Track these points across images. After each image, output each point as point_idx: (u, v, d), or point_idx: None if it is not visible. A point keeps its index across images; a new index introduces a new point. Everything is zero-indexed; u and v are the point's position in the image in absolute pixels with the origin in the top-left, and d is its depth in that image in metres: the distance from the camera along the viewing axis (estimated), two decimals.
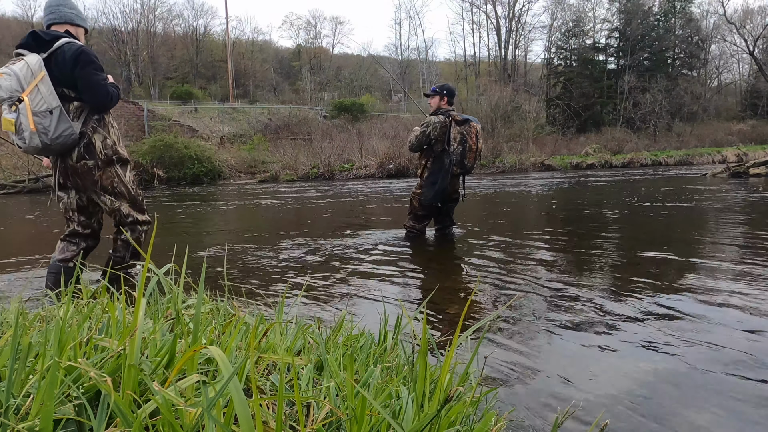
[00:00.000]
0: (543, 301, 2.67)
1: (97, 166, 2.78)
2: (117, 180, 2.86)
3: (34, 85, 2.49)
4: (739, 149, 26.29)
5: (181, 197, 13.08)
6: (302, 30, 56.66)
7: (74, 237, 2.94)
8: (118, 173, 2.87)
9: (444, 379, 0.90)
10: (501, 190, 11.76)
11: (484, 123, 25.76)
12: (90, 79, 2.63)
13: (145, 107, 27.84)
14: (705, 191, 9.68)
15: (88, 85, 2.64)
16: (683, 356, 1.88)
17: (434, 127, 4.49)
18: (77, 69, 2.59)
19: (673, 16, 39.43)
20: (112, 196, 2.87)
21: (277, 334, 1.19)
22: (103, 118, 2.81)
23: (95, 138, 2.76)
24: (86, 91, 2.66)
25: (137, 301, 0.90)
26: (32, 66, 2.50)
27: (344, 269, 3.59)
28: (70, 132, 2.61)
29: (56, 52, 2.59)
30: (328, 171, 21.43)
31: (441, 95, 4.65)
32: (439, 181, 4.55)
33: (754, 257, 3.58)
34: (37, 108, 2.49)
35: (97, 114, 2.77)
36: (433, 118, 4.54)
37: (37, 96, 2.50)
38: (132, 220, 2.93)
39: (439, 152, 4.55)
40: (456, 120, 4.52)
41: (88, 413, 0.71)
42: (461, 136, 4.49)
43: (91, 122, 2.74)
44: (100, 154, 2.78)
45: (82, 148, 2.73)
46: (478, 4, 42.43)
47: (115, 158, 2.86)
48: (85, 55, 2.61)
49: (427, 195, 4.61)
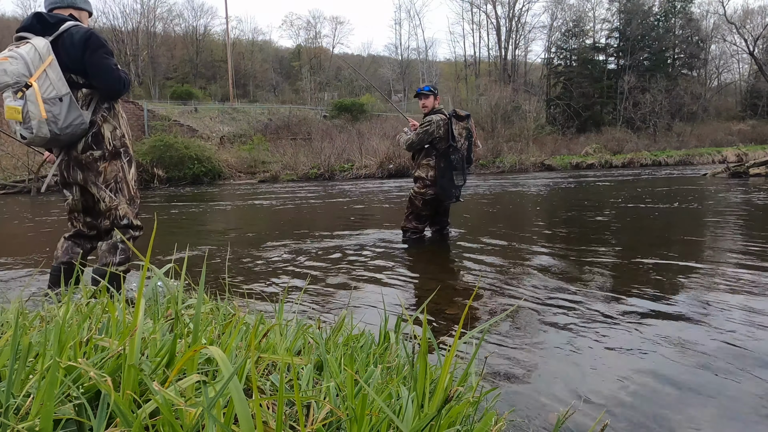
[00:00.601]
0: (543, 301, 2.67)
1: (103, 157, 2.59)
2: (121, 175, 2.66)
3: (42, 69, 2.31)
4: (739, 149, 26.28)
5: (181, 197, 13.08)
6: (302, 30, 56.68)
7: (79, 238, 2.78)
8: (123, 168, 2.68)
9: (444, 379, 0.90)
10: (501, 190, 11.76)
11: (484, 123, 25.80)
12: (101, 64, 2.45)
13: (145, 107, 27.84)
14: (705, 191, 9.68)
15: (98, 70, 2.46)
16: (683, 356, 1.88)
17: (437, 126, 4.50)
18: (87, 53, 2.42)
19: (673, 16, 39.43)
20: (112, 192, 2.66)
21: (277, 334, 1.19)
22: (113, 106, 2.63)
23: (105, 128, 2.58)
24: (97, 77, 2.48)
25: (137, 301, 0.90)
26: (40, 49, 2.32)
27: (344, 269, 3.59)
28: (80, 121, 2.43)
29: (63, 35, 2.42)
30: (328, 171, 21.44)
31: (435, 95, 4.68)
32: (441, 183, 4.56)
33: (754, 258, 3.58)
34: (46, 94, 2.31)
35: (107, 102, 2.60)
36: (434, 117, 4.55)
37: (46, 82, 2.32)
38: (127, 223, 2.70)
39: (444, 149, 4.56)
40: (459, 116, 4.54)
41: (88, 413, 0.71)
42: (466, 132, 4.52)
43: (101, 111, 2.57)
44: (108, 145, 2.59)
45: (90, 138, 2.54)
46: (478, 4, 42.46)
47: (123, 151, 2.66)
48: (95, 38, 2.44)
49: (445, 193, 4.60)
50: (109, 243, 2.68)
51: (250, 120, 30.95)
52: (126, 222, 2.69)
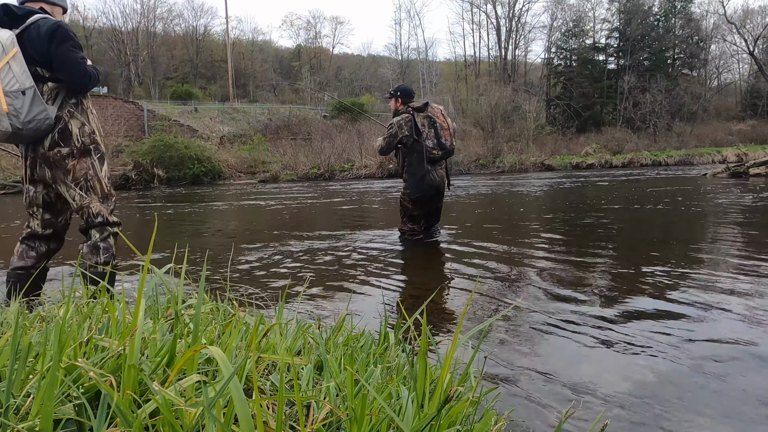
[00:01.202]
0: (543, 301, 2.67)
1: (71, 155, 2.48)
2: (91, 173, 2.54)
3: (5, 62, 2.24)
4: (739, 149, 26.29)
5: (180, 197, 13.08)
6: (302, 30, 56.73)
7: (33, 240, 2.61)
8: (94, 165, 2.56)
9: (444, 379, 0.90)
10: (501, 190, 11.76)
11: (484, 123, 25.80)
12: (67, 56, 2.37)
13: (145, 107, 27.84)
14: (705, 191, 9.68)
15: (64, 62, 2.38)
16: (683, 356, 1.89)
17: (399, 126, 4.50)
18: (53, 45, 2.34)
19: (673, 16, 39.44)
20: (83, 191, 2.53)
21: (277, 334, 1.19)
22: (82, 102, 2.53)
23: (72, 123, 2.48)
24: (62, 70, 2.40)
25: (137, 301, 0.90)
26: (3, 41, 2.26)
27: (344, 270, 3.59)
28: (44, 116, 2.34)
29: (30, 27, 2.35)
30: (328, 171, 21.45)
31: (396, 97, 4.68)
32: (419, 171, 4.54)
33: (754, 258, 3.58)
34: (8, 87, 2.24)
35: (75, 97, 2.50)
36: (395, 119, 4.55)
37: (9, 74, 2.25)
38: (102, 220, 2.57)
39: (411, 144, 4.55)
40: (416, 108, 4.52)
41: (88, 413, 0.71)
42: (428, 120, 4.50)
43: (68, 106, 2.47)
44: (76, 142, 2.48)
45: (57, 134, 2.44)
46: (478, 4, 42.47)
47: (92, 148, 2.55)
48: (62, 30, 2.37)
49: (412, 188, 4.60)
50: (89, 245, 2.58)
51: (250, 120, 30.96)
52: (101, 219, 2.57)
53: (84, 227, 2.59)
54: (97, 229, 2.57)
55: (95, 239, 2.56)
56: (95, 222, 2.56)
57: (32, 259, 2.58)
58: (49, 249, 2.64)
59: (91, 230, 2.57)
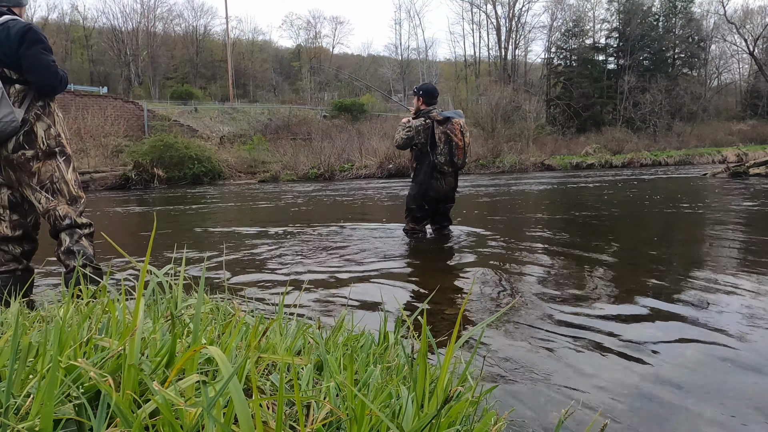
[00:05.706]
0: (542, 301, 2.67)
1: (36, 157, 2.45)
2: (57, 175, 2.51)
3: None
4: (739, 149, 26.29)
5: (180, 197, 13.08)
6: (302, 30, 56.74)
7: (4, 243, 2.56)
8: (60, 167, 2.53)
9: (444, 379, 0.90)
10: (501, 190, 11.76)
11: (484, 123, 25.76)
12: (37, 59, 2.35)
13: (145, 107, 27.82)
14: (705, 191, 9.68)
15: (34, 64, 2.35)
16: (683, 356, 1.89)
17: (417, 132, 4.51)
18: (23, 48, 2.32)
19: (673, 16, 39.43)
20: (49, 193, 2.50)
21: (277, 334, 1.19)
22: (49, 105, 2.51)
23: (38, 126, 2.45)
24: (32, 72, 2.37)
25: (137, 301, 0.90)
26: None
27: (344, 269, 3.59)
28: (11, 118, 2.31)
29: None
30: (328, 171, 21.43)
31: (418, 96, 4.66)
32: (422, 182, 4.59)
33: (755, 258, 3.58)
34: None
35: (42, 100, 2.47)
36: (414, 123, 4.55)
37: None
38: (70, 222, 2.52)
39: (423, 154, 4.58)
40: (437, 120, 4.51)
41: (88, 413, 0.71)
42: (445, 136, 4.49)
43: (35, 108, 2.44)
44: (41, 144, 2.46)
45: (22, 136, 2.41)
46: (478, 4, 42.41)
47: (58, 150, 2.52)
48: (33, 32, 2.35)
49: (417, 191, 4.64)
50: (62, 250, 2.54)
51: (250, 120, 30.94)
52: (69, 222, 2.53)
53: (53, 231, 2.56)
54: (66, 232, 2.54)
55: (67, 244, 2.53)
56: (63, 225, 2.52)
57: (5, 267, 2.55)
58: (24, 251, 2.62)
59: (60, 234, 2.54)
